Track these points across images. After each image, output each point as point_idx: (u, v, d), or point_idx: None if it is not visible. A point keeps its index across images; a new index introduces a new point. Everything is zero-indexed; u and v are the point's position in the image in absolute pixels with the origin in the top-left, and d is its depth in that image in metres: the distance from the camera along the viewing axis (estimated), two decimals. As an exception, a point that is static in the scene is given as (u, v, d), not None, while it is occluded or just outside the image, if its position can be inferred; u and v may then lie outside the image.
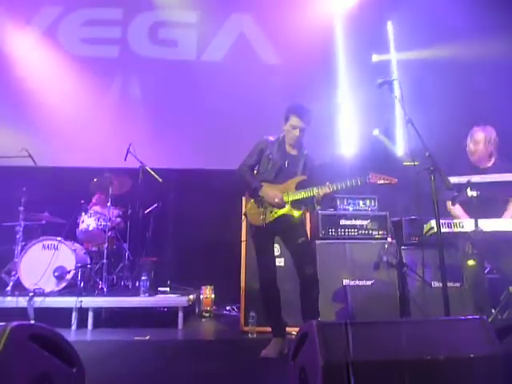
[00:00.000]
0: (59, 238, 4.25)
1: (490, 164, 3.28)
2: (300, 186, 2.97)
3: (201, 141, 5.42)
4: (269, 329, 3.12)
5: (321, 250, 3.79)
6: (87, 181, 4.73)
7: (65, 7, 5.89)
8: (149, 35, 5.98)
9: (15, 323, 1.26)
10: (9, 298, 3.87)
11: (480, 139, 3.23)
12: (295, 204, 2.95)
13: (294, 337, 3.19)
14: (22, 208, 4.41)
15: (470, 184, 3.03)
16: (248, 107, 5.51)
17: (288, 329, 3.03)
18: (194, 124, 5.50)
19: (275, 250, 3.27)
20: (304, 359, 1.47)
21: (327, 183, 2.89)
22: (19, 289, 4.07)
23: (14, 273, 4.19)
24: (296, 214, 2.94)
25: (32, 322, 3.49)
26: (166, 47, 5.94)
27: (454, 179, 2.85)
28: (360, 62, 5.64)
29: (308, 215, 3.87)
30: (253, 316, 3.54)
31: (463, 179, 3.00)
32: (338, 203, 4.01)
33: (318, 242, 3.82)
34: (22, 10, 5.83)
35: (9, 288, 4.10)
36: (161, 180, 4.68)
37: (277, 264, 3.14)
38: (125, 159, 4.58)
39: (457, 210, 3.22)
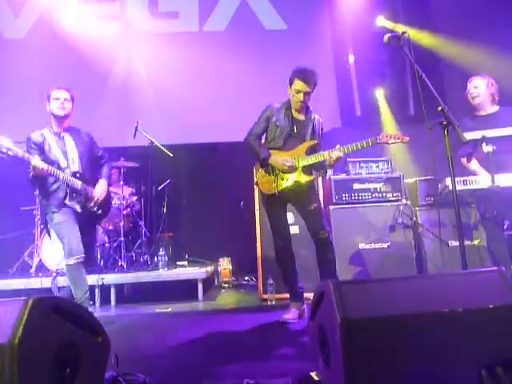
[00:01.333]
0: (76, 219, 4.32)
1: (494, 110, 3.19)
2: (310, 151, 2.94)
3: (208, 113, 5.37)
4: (287, 295, 3.16)
5: (335, 215, 3.79)
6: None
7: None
8: (149, 9, 5.84)
9: (37, 296, 1.29)
10: (33, 280, 4.00)
11: (480, 83, 3.18)
12: (306, 169, 2.93)
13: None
14: (37, 192, 4.47)
15: (484, 139, 2.96)
16: (254, 75, 5.41)
17: (306, 294, 3.07)
18: (200, 96, 5.43)
19: (289, 218, 3.27)
20: (322, 318, 1.49)
21: (337, 146, 2.85)
22: (42, 270, 4.20)
23: (36, 255, 4.31)
24: (307, 179, 2.93)
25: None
26: (168, 19, 5.81)
27: (468, 135, 2.78)
28: (369, 21, 5.43)
29: (320, 180, 3.84)
30: (271, 283, 3.59)
31: (478, 134, 2.92)
32: (351, 167, 3.97)
33: (331, 207, 3.81)
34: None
35: (32, 270, 4.23)
36: (171, 155, 4.68)
37: (292, 232, 3.15)
38: (134, 137, 4.58)
39: (474, 165, 3.15)
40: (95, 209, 3.08)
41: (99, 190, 3.13)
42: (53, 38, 5.59)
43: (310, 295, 3.27)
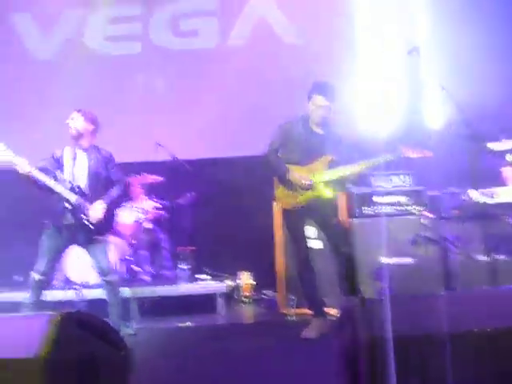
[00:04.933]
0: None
1: None
2: (329, 166, 2.92)
3: (229, 127, 5.42)
4: (308, 311, 3.13)
5: (356, 229, 3.73)
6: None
7: (86, 8, 6.00)
8: (170, 28, 5.98)
9: (64, 311, 1.32)
10: (57, 292, 4.06)
11: None
12: (325, 184, 2.91)
13: (334, 318, 3.20)
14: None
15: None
16: (274, 90, 5.44)
17: (328, 309, 3.02)
18: (220, 112, 5.48)
19: (312, 232, 3.24)
20: (347, 336, 1.46)
21: (358, 161, 2.83)
22: (66, 283, 4.27)
23: (61, 268, 4.38)
24: (326, 194, 2.90)
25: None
26: (188, 37, 5.94)
27: (493, 145, 2.72)
28: (388, 33, 5.41)
29: (340, 195, 3.80)
30: (291, 298, 3.56)
31: (504, 145, 2.86)
32: (372, 180, 3.92)
33: (352, 220, 3.77)
34: (45, 16, 6.00)
35: (57, 282, 4.30)
36: (192, 170, 4.74)
37: (315, 246, 3.14)
38: (155, 152, 4.67)
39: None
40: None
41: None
42: (79, 58, 5.80)
43: (331, 311, 3.23)
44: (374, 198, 3.82)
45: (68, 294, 4.00)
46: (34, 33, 6.01)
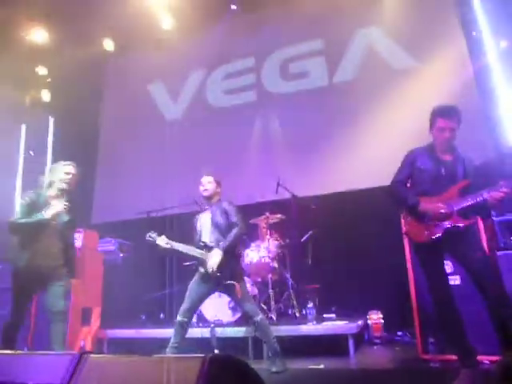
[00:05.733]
0: (229, 273, 4.64)
1: None
2: (464, 193, 2.66)
3: (345, 161, 5.39)
4: (453, 357, 2.78)
5: (504, 262, 3.27)
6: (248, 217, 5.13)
7: (205, 69, 6.73)
8: (280, 73, 6.33)
9: (211, 354, 1.41)
10: (195, 330, 4.34)
11: None
12: (462, 213, 2.64)
13: (487, 366, 2.79)
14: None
15: None
16: (389, 118, 5.28)
17: (479, 357, 2.65)
18: (337, 146, 5.52)
19: (447, 267, 2.94)
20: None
21: (500, 182, 2.51)
22: (202, 320, 4.56)
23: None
24: (466, 223, 2.62)
25: (215, 351, 3.84)
26: (298, 79, 6.19)
27: None
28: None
29: (481, 224, 3.40)
30: (432, 342, 3.22)
31: None
32: (519, 206, 3.44)
33: (499, 253, 3.32)
34: (173, 81, 6.89)
35: (194, 320, 4.62)
36: (313, 207, 4.78)
37: (452, 283, 2.83)
38: (276, 192, 4.84)
39: None
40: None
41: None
42: (203, 113, 6.47)
43: (485, 358, 2.83)
44: (524, 227, 3.34)
45: (203, 332, 4.24)
46: (166, 97, 6.95)
